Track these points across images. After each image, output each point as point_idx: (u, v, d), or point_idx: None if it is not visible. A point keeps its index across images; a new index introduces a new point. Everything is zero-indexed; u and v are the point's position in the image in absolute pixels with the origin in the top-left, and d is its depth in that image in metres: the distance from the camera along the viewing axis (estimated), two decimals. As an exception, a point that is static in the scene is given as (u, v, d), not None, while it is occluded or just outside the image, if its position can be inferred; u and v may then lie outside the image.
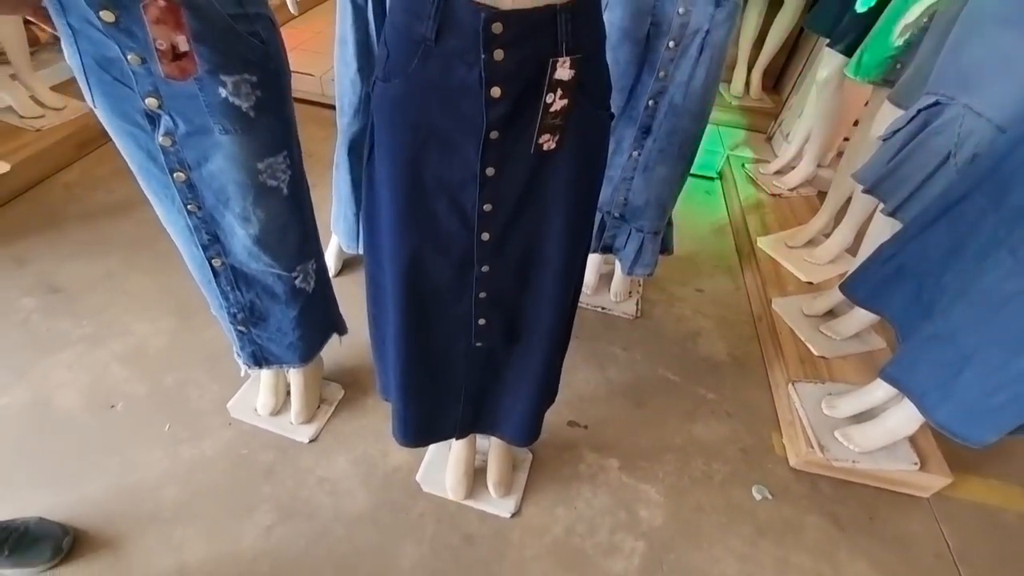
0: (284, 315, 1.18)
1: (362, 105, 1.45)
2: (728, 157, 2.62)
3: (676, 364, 1.68)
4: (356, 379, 1.52)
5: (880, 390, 1.35)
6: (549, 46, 0.57)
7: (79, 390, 1.41)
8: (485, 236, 0.75)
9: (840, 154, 2.49)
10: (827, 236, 2.03)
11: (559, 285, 0.83)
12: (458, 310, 0.87)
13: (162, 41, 0.71)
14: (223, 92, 0.79)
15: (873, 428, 1.34)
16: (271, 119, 0.87)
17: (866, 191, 1.38)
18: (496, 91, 0.59)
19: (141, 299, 1.67)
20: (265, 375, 1.38)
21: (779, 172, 2.50)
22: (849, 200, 1.90)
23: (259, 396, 1.40)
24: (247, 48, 0.78)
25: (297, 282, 1.14)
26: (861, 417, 1.40)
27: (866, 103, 2.31)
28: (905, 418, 1.27)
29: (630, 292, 1.87)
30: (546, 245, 0.77)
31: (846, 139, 2.46)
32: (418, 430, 1.09)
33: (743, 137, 2.82)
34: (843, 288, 1.36)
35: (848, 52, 1.87)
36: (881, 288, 1.27)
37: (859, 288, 1.32)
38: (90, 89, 0.80)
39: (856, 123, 2.38)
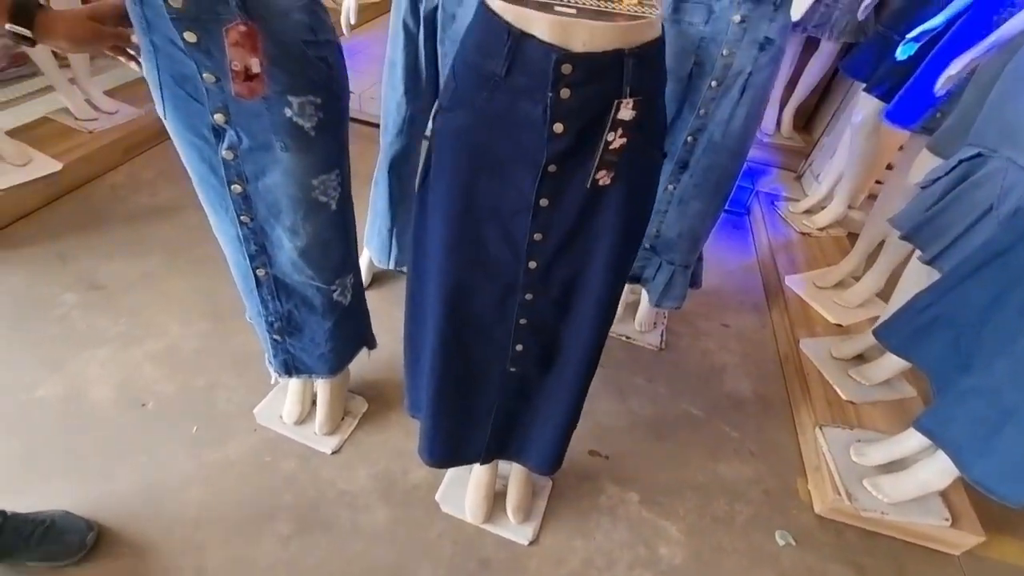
0: (319, 326, 1.20)
1: (405, 126, 1.49)
2: (757, 193, 2.62)
3: (700, 399, 1.67)
4: (380, 393, 1.53)
5: (912, 440, 1.32)
6: (614, 87, 0.59)
7: (112, 387, 1.44)
8: (532, 264, 0.77)
9: (871, 196, 2.49)
10: (857, 279, 2.01)
11: (598, 315, 0.83)
12: (497, 335, 0.88)
13: (237, 63, 0.75)
14: (288, 112, 0.83)
15: (904, 479, 1.31)
16: (329, 138, 0.90)
17: (903, 237, 1.38)
18: (559, 127, 0.61)
19: (177, 300, 1.71)
20: (293, 384, 1.40)
21: (809, 211, 2.49)
22: (881, 244, 1.89)
23: (285, 404, 1.42)
24: (315, 72, 0.82)
25: (335, 295, 1.16)
26: (891, 467, 1.37)
27: (900, 147, 2.32)
28: (938, 471, 1.24)
29: (655, 323, 1.87)
30: (590, 275, 0.79)
31: (878, 182, 2.46)
32: (445, 451, 1.09)
33: (773, 174, 2.83)
34: (876, 334, 1.35)
35: (885, 98, 1.88)
36: (916, 337, 1.25)
37: (893, 335, 1.31)
38: (163, 102, 0.84)
39: (889, 167, 2.39)
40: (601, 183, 0.67)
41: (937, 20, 1.55)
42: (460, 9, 1.31)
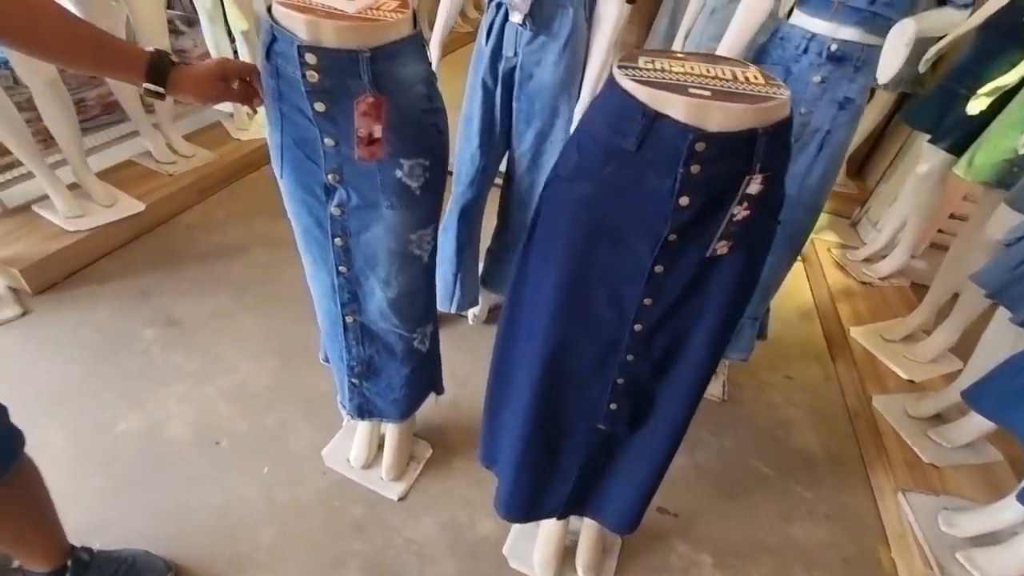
0: (397, 372, 1.22)
1: (478, 176, 1.54)
2: (813, 240, 2.59)
3: (768, 455, 1.61)
4: (443, 438, 1.53)
5: (1009, 511, 1.24)
6: (744, 163, 0.60)
7: (187, 423, 1.48)
8: (638, 327, 0.77)
9: (933, 245, 2.43)
10: (928, 332, 1.94)
11: (696, 378, 0.83)
12: (592, 393, 0.88)
13: (363, 130, 0.80)
14: (399, 173, 0.87)
15: (1003, 554, 1.22)
16: (431, 196, 0.94)
17: (989, 296, 1.33)
18: (685, 200, 0.63)
19: (247, 338, 1.77)
20: (361, 427, 1.42)
21: (868, 260, 2.44)
22: (953, 297, 1.83)
23: (352, 447, 1.43)
24: (427, 137, 0.87)
25: (415, 343, 1.19)
26: (985, 539, 1.29)
27: (963, 196, 2.27)
28: (1043, 548, 1.16)
29: (716, 372, 1.83)
30: (693, 339, 0.79)
31: (940, 230, 2.40)
32: (523, 505, 1.08)
33: (827, 220, 2.79)
34: (967, 397, 1.29)
35: (954, 150, 1.85)
36: (1012, 402, 1.19)
37: (985, 399, 1.25)
38: (282, 163, 0.90)
39: (952, 216, 2.33)
40: (719, 252, 0.68)
41: (1011, 77, 1.53)
42: (538, 69, 1.37)
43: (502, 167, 1.61)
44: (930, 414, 1.63)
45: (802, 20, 1.22)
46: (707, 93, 0.58)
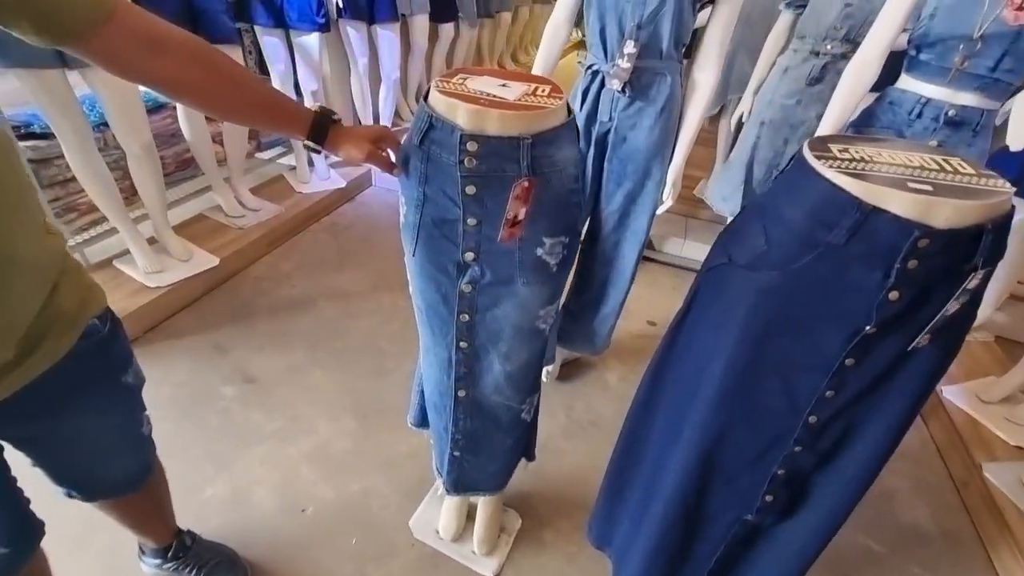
0: (500, 443, 1.18)
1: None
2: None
3: (876, 530, 1.50)
4: (531, 507, 1.47)
5: None
6: (964, 258, 0.57)
7: (272, 488, 1.45)
8: (813, 419, 0.73)
9: (1013, 296, 2.33)
10: (1029, 393, 1.83)
11: (870, 469, 0.77)
12: (744, 482, 0.83)
13: (511, 212, 0.78)
14: (539, 251, 0.85)
15: None
16: (564, 272, 0.92)
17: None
18: (895, 294, 0.59)
19: (322, 395, 1.75)
20: (451, 497, 1.36)
21: (946, 312, 2.34)
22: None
23: (442, 518, 1.37)
24: (571, 216, 0.85)
25: (523, 413, 1.15)
26: None
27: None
28: None
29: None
30: (872, 429, 0.73)
31: (1020, 282, 2.30)
32: (651, 596, 1.01)
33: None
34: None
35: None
36: None
37: None
38: (415, 242, 0.89)
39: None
40: (919, 346, 0.64)
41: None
42: (632, 132, 1.37)
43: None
44: (1052, 487, 1.51)
45: (913, 85, 1.20)
46: (929, 188, 0.56)
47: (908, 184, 0.56)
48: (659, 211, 1.49)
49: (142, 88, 1.56)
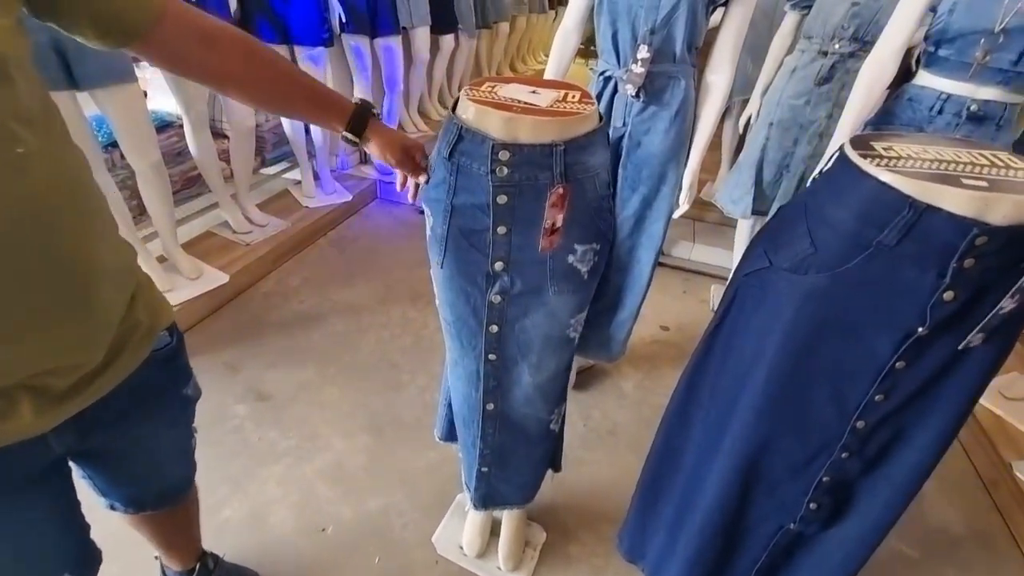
0: (528, 456, 1.16)
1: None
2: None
3: (908, 534, 1.47)
4: (556, 520, 1.44)
5: None
6: (1020, 256, 0.55)
7: (290, 508, 1.42)
8: (860, 424, 0.71)
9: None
10: (1053, 389, 1.81)
11: (918, 474, 0.75)
12: (787, 491, 0.80)
13: (549, 220, 0.77)
14: (571, 259, 0.84)
15: None
16: (594, 279, 0.90)
17: None
18: (950, 295, 0.58)
19: (335, 411, 1.72)
20: (474, 511, 1.34)
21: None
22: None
23: (465, 534, 1.34)
24: (603, 223, 0.84)
25: (551, 424, 1.13)
26: None
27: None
28: None
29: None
30: (921, 433, 0.71)
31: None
32: (689, 610, 0.98)
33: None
34: None
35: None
36: None
37: None
38: (444, 253, 0.87)
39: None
40: (972, 344, 0.62)
41: None
42: (646, 137, 1.36)
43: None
44: (1084, 484, 1.48)
45: (933, 81, 1.19)
46: (984, 184, 0.54)
47: (961, 180, 0.55)
48: (675, 215, 1.48)
49: (149, 107, 1.55)
